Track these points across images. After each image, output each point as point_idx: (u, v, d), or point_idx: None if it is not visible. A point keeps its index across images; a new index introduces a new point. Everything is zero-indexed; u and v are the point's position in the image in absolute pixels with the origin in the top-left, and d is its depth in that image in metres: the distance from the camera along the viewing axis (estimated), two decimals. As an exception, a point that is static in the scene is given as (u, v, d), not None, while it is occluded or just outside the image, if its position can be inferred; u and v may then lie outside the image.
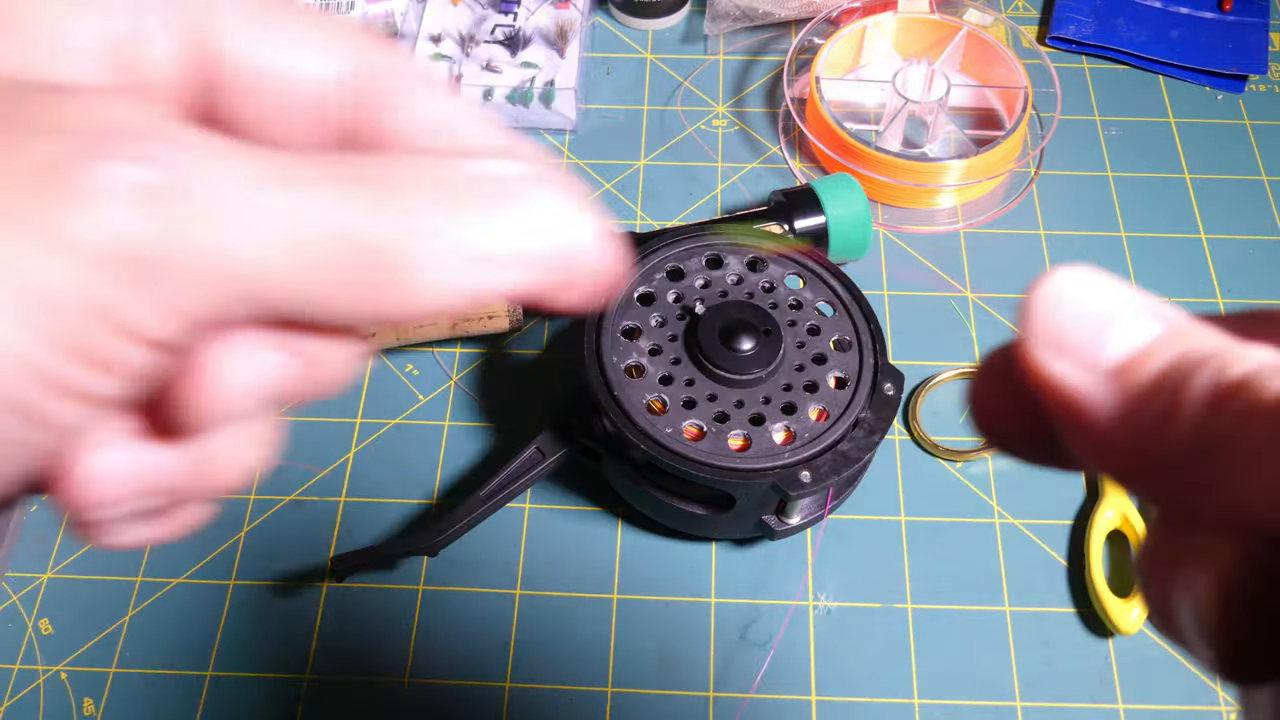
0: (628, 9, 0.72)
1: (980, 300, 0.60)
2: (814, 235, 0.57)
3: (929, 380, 0.56)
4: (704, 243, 0.52)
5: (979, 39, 0.67)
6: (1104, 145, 0.66)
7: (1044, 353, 0.17)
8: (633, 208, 0.64)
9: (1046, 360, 0.17)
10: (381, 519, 0.53)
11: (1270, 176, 0.65)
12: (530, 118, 0.67)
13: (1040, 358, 0.17)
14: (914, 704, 0.48)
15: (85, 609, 0.51)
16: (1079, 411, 0.17)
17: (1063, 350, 0.17)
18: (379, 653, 0.49)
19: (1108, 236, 0.62)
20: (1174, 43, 0.70)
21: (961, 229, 0.63)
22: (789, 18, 0.71)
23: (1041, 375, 0.17)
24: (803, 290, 0.50)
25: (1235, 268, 0.61)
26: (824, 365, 0.48)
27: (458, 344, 0.59)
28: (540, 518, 0.53)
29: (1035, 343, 0.17)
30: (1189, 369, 0.16)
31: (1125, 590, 0.50)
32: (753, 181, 0.65)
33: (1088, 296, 0.17)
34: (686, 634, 0.49)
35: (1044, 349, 0.17)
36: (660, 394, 0.47)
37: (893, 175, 0.62)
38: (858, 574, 0.51)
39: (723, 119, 0.68)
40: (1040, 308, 0.17)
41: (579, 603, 0.50)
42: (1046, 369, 0.17)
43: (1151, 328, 0.17)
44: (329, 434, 0.56)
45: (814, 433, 0.46)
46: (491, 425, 0.56)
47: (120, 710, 0.48)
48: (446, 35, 0.69)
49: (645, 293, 0.50)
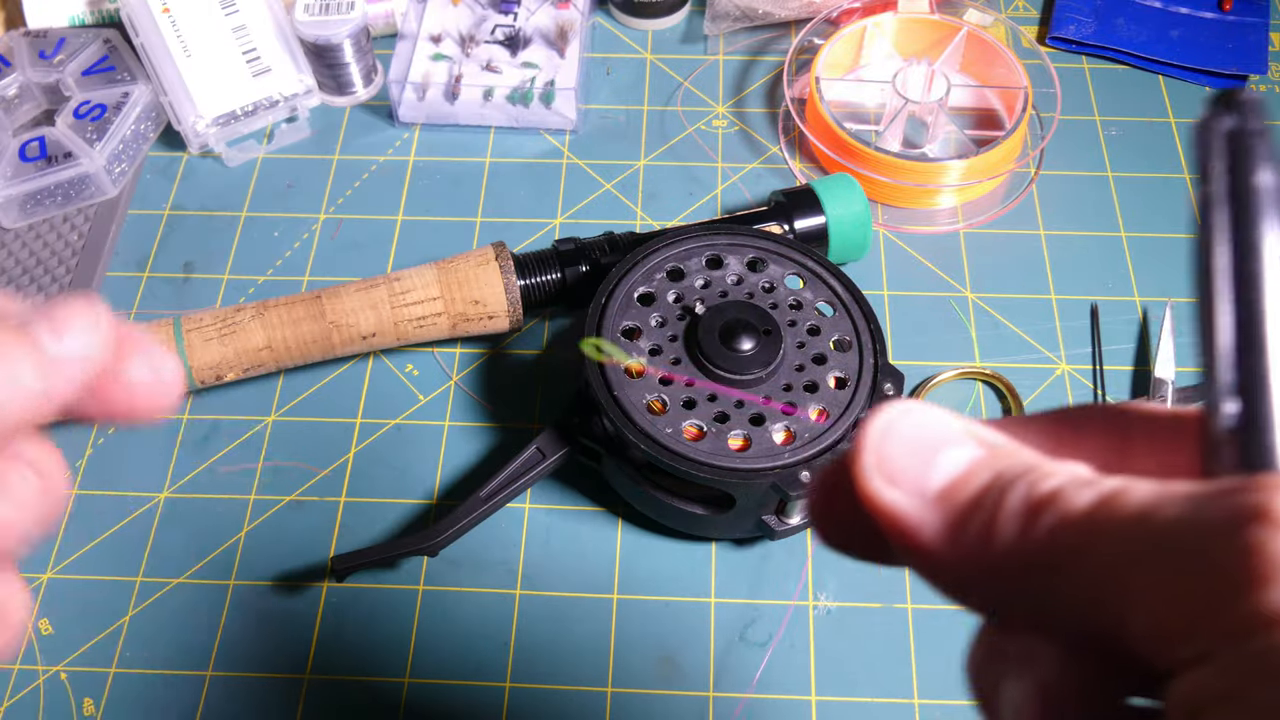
0: (628, 9, 0.72)
1: (980, 300, 0.60)
2: (814, 235, 0.57)
3: (929, 380, 0.56)
4: (704, 242, 0.52)
5: (979, 39, 0.67)
6: (1104, 145, 0.66)
7: (875, 482, 0.19)
8: (633, 208, 0.64)
9: (878, 489, 0.19)
10: (381, 519, 0.53)
11: (1270, 176, 0.65)
12: (530, 118, 0.67)
13: (872, 487, 0.19)
14: (914, 704, 0.48)
15: (85, 609, 0.51)
16: (909, 534, 0.19)
17: (892, 479, 0.19)
18: (379, 653, 0.49)
19: (1108, 236, 0.62)
20: (1174, 43, 0.70)
21: (961, 229, 0.63)
22: (789, 18, 0.72)
23: (874, 502, 0.19)
24: (803, 290, 0.50)
25: (1235, 268, 0.61)
26: (824, 365, 0.48)
27: (458, 344, 0.59)
28: (540, 518, 0.53)
29: (866, 473, 0.19)
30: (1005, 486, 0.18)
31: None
32: (753, 181, 0.65)
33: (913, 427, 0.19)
34: (686, 634, 0.50)
35: (875, 478, 0.19)
36: (660, 394, 0.47)
37: (893, 175, 0.62)
38: (858, 574, 0.51)
39: (723, 119, 0.68)
40: (870, 440, 0.19)
41: (579, 603, 0.50)
42: (878, 497, 0.19)
43: (972, 450, 0.19)
44: (329, 434, 0.56)
45: (814, 433, 0.46)
46: (491, 425, 0.56)
47: (120, 710, 0.48)
48: (446, 35, 0.69)
49: (645, 293, 0.50)
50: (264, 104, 0.66)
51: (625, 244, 0.56)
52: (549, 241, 0.57)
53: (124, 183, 0.66)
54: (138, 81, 0.66)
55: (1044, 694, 0.17)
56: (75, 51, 0.67)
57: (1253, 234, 0.18)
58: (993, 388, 0.56)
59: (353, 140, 0.68)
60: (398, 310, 0.53)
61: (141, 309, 0.61)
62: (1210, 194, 0.18)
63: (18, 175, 0.62)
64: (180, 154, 0.67)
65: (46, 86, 0.68)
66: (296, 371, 0.58)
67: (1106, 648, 0.17)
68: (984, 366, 0.57)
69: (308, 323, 0.53)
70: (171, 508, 0.53)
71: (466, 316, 0.54)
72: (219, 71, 0.66)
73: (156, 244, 0.63)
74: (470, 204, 0.64)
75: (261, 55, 0.67)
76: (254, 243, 0.63)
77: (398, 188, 0.65)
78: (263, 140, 0.67)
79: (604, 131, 0.68)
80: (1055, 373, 0.57)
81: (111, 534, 0.53)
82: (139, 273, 0.62)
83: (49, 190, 0.63)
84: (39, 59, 0.67)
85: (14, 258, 0.63)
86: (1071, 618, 0.17)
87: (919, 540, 0.19)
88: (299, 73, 0.67)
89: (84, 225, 0.64)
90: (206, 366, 0.52)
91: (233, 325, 0.52)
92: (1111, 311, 0.59)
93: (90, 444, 0.55)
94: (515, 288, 0.54)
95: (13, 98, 0.67)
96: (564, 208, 0.64)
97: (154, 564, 0.52)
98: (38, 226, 0.64)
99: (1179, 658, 0.15)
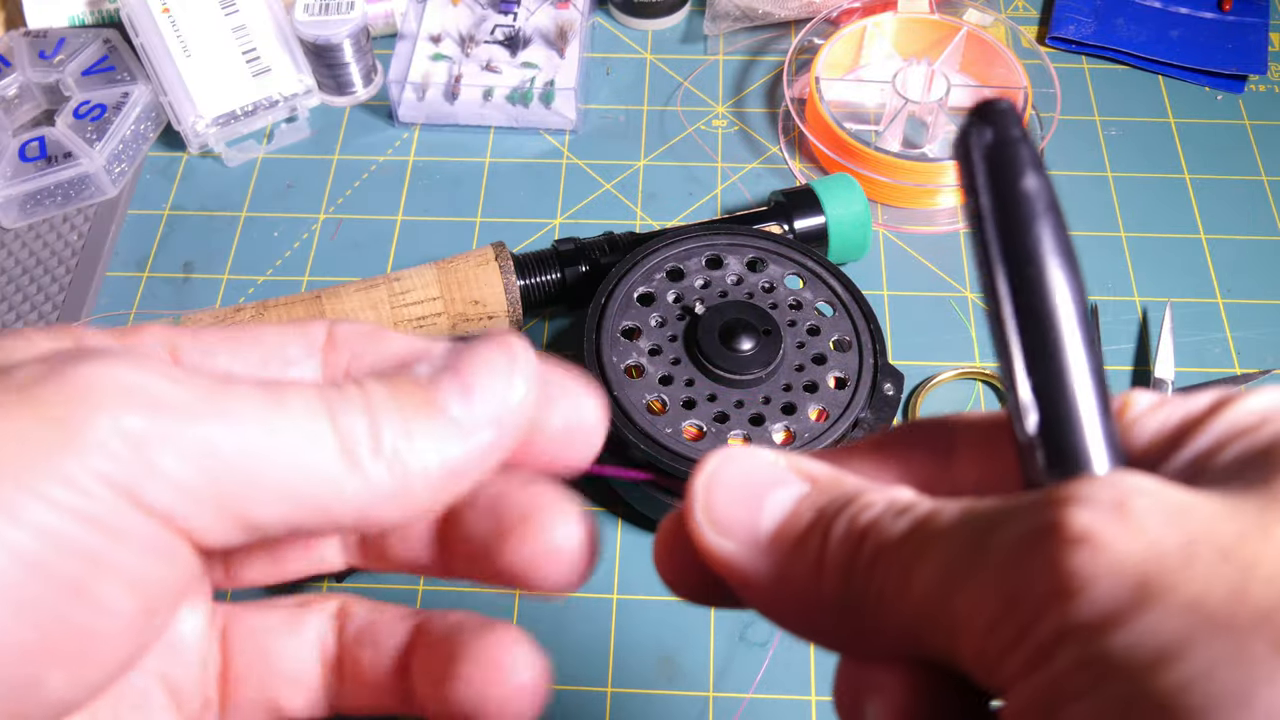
0: (628, 9, 0.72)
1: (980, 300, 0.60)
2: (814, 235, 0.57)
3: (929, 380, 0.56)
4: (704, 242, 0.52)
5: (979, 39, 0.67)
6: (1104, 145, 0.66)
7: (708, 534, 0.19)
8: (633, 208, 0.64)
9: (711, 541, 0.19)
10: (381, 519, 0.53)
11: (1270, 176, 0.65)
12: (530, 118, 0.67)
13: (706, 539, 0.19)
14: (914, 704, 0.47)
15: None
16: (744, 580, 0.19)
17: (723, 530, 0.19)
18: (379, 653, 0.49)
19: (1108, 236, 0.62)
20: (1174, 43, 0.70)
21: (961, 229, 0.63)
22: (789, 18, 0.71)
23: (709, 554, 0.19)
24: (803, 290, 0.50)
25: (1235, 268, 0.61)
26: (824, 365, 0.48)
27: (458, 344, 0.59)
28: (540, 518, 0.53)
29: (699, 526, 0.19)
30: (828, 522, 0.18)
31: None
32: (753, 181, 0.65)
33: (737, 474, 0.19)
34: (686, 634, 0.49)
35: (707, 531, 0.19)
36: (660, 394, 0.47)
37: (893, 175, 0.62)
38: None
39: (723, 119, 0.68)
40: (698, 492, 0.19)
41: (579, 603, 0.50)
42: (712, 549, 0.19)
43: (797, 488, 0.19)
44: (329, 434, 0.55)
45: (814, 433, 0.46)
46: (491, 425, 0.56)
47: (120, 710, 0.48)
48: (446, 35, 0.69)
49: (645, 293, 0.50)
50: (264, 104, 0.66)
51: (625, 244, 0.56)
52: (549, 241, 0.57)
53: (124, 183, 0.66)
54: (138, 81, 0.66)
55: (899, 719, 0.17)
56: (75, 51, 0.67)
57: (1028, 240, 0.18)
58: (993, 388, 0.56)
59: (352, 140, 0.68)
60: (397, 310, 0.53)
61: (141, 309, 0.61)
62: (979, 207, 0.18)
63: (18, 175, 0.62)
64: (180, 154, 0.67)
65: (46, 86, 0.68)
66: (296, 371, 0.58)
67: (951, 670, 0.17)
68: (984, 366, 0.57)
69: (307, 323, 0.53)
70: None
71: (466, 316, 0.54)
72: (219, 71, 0.66)
73: (156, 244, 0.63)
74: (470, 204, 0.64)
75: (261, 55, 0.67)
76: (254, 243, 0.63)
77: (397, 188, 0.65)
78: (262, 140, 0.67)
79: (604, 131, 0.68)
80: (1055, 373, 0.57)
81: (111, 534, 0.53)
82: (139, 273, 0.62)
83: (49, 190, 0.63)
84: (39, 59, 0.67)
85: (14, 258, 0.63)
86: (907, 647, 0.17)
87: (757, 586, 0.19)
88: (299, 73, 0.67)
89: (84, 225, 0.64)
90: (206, 366, 0.52)
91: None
92: (1111, 311, 0.59)
93: (90, 444, 0.55)
94: (515, 288, 0.54)
95: (13, 98, 0.67)
96: (564, 208, 0.64)
97: (154, 564, 0.52)
98: (38, 226, 0.64)
99: (1005, 676, 0.15)
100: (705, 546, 0.19)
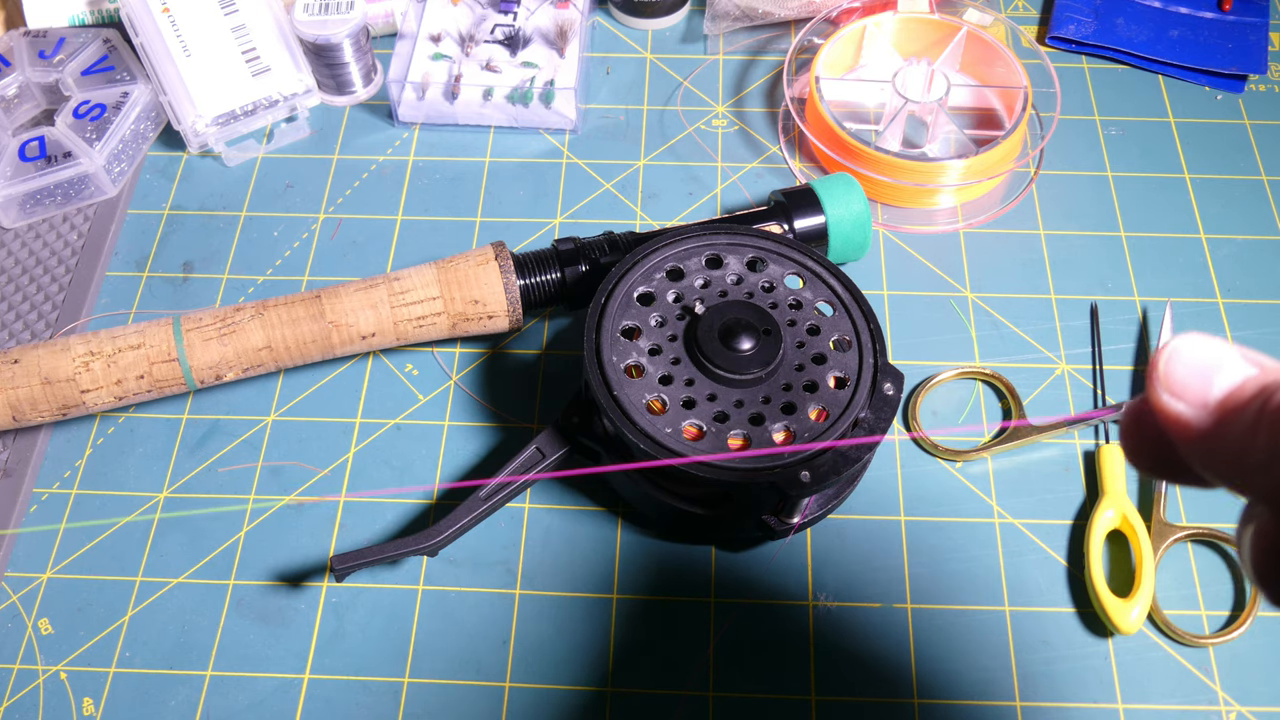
0: (628, 9, 0.72)
1: (980, 300, 0.60)
2: (814, 235, 0.57)
3: (929, 380, 0.56)
4: (704, 242, 0.52)
5: (979, 39, 0.67)
6: (1104, 145, 0.66)
7: (1165, 398, 0.24)
8: (633, 208, 0.64)
9: (1167, 403, 0.24)
10: (381, 519, 0.53)
11: (1270, 176, 0.65)
12: (530, 118, 0.67)
13: (1161, 401, 0.24)
14: (914, 704, 0.48)
15: (85, 609, 0.51)
16: (1189, 434, 0.23)
17: (1176, 393, 0.24)
18: (379, 653, 0.49)
19: (1108, 236, 0.62)
20: (1174, 42, 0.70)
21: (961, 229, 0.63)
22: (789, 18, 0.72)
23: (1164, 413, 0.24)
24: (803, 290, 0.50)
25: (1235, 268, 0.61)
26: (824, 365, 0.48)
27: (458, 344, 0.59)
28: (540, 518, 0.53)
29: (1158, 390, 0.24)
30: (1270, 393, 0.22)
31: (1125, 590, 0.50)
32: (753, 181, 0.65)
33: (1193, 352, 0.24)
34: (686, 634, 0.50)
35: (1165, 395, 0.24)
36: (660, 394, 0.47)
37: (893, 175, 0.62)
38: (858, 574, 0.51)
39: (723, 119, 0.68)
40: (1161, 366, 0.24)
41: (579, 602, 0.50)
42: (1166, 408, 0.24)
43: (1245, 369, 0.23)
44: (329, 434, 0.55)
45: (814, 432, 0.46)
46: (491, 425, 0.56)
47: (120, 710, 0.48)
48: (446, 35, 0.69)
49: (645, 293, 0.50)
50: (263, 104, 0.66)
51: (625, 244, 0.56)
52: (549, 241, 0.57)
53: (124, 182, 0.66)
54: (137, 81, 0.66)
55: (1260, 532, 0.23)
56: (75, 51, 0.67)
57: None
58: (992, 387, 0.56)
59: (352, 140, 0.68)
60: (397, 310, 0.53)
61: (141, 309, 0.61)
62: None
63: (17, 175, 0.62)
64: (180, 154, 0.67)
65: (46, 86, 0.68)
66: (296, 371, 0.58)
67: None
68: (984, 366, 0.57)
69: (307, 322, 0.53)
70: (171, 507, 0.53)
71: (466, 316, 0.54)
72: (219, 71, 0.66)
73: (156, 244, 0.63)
74: (470, 204, 0.64)
75: (261, 55, 0.67)
76: (253, 242, 0.63)
77: (397, 187, 0.65)
78: (262, 140, 0.67)
79: (604, 131, 0.68)
80: (1055, 372, 0.57)
81: (111, 534, 0.53)
82: (139, 272, 0.62)
83: (49, 190, 0.63)
84: (39, 59, 0.67)
85: (14, 258, 0.63)
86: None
87: (1199, 440, 0.23)
88: (299, 72, 0.67)
89: (84, 225, 0.64)
90: (206, 366, 0.52)
91: (232, 325, 0.52)
92: (1111, 311, 0.59)
93: (90, 444, 0.55)
94: (515, 287, 0.54)
95: (13, 98, 0.67)
96: (564, 207, 0.64)
97: (154, 564, 0.52)
98: (37, 226, 0.64)
99: None
100: (1161, 406, 0.24)
